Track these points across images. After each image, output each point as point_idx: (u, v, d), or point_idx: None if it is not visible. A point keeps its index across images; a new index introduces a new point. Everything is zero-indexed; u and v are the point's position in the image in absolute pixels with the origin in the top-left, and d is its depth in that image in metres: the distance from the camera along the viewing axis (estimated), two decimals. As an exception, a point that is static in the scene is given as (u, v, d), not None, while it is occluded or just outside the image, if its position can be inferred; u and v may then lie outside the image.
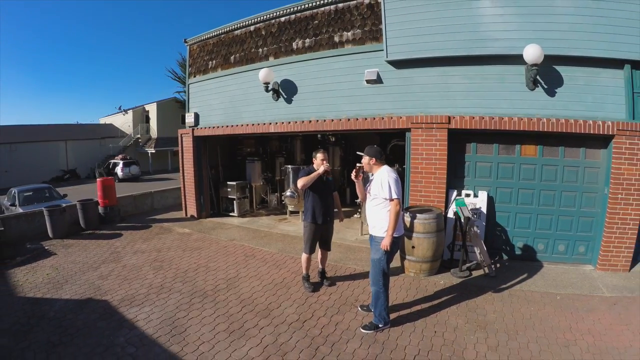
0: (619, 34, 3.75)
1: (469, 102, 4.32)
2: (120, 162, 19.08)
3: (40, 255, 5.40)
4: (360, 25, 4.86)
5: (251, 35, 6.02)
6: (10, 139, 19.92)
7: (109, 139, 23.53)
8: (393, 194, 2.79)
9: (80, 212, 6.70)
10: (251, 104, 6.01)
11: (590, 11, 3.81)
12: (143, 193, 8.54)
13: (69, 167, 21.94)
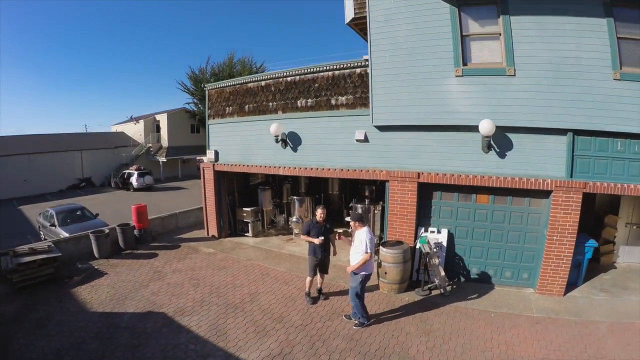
0: (563, 107, 5.02)
1: (435, 161, 5.81)
2: (134, 172, 20.98)
3: (94, 274, 7.08)
4: (352, 92, 6.37)
5: (262, 89, 7.59)
6: (28, 149, 22.02)
7: (121, 148, 25.51)
8: (367, 249, 4.42)
9: (120, 235, 8.41)
10: (263, 148, 7.60)
11: (540, 88, 5.08)
12: (169, 214, 10.24)
13: (84, 175, 24.03)
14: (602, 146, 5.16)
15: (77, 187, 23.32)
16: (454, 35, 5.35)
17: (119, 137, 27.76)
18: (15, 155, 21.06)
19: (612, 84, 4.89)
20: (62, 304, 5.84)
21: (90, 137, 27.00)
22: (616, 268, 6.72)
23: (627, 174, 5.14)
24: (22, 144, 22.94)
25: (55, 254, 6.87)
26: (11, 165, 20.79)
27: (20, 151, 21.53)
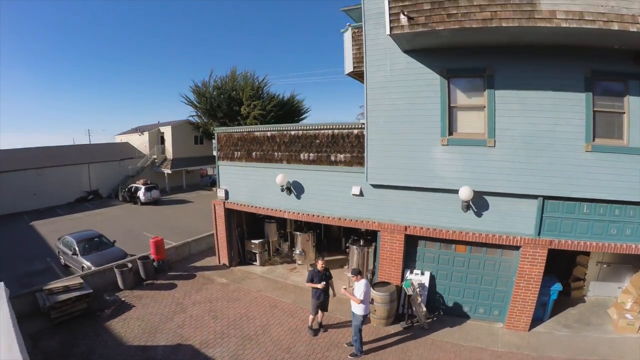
0: (537, 176, 5.88)
1: (421, 217, 6.84)
2: (142, 186, 21.96)
3: (122, 307, 8.11)
4: (349, 150, 7.38)
5: (268, 139, 8.58)
6: (37, 163, 22.92)
7: (127, 160, 26.44)
8: (360, 297, 5.52)
9: (141, 267, 9.45)
10: (270, 192, 8.62)
11: (517, 158, 5.94)
12: (182, 243, 11.27)
13: (92, 188, 25.00)
14: (570, 209, 6.06)
15: (85, 200, 24.29)
16: (442, 106, 6.23)
17: (124, 148, 28.66)
18: (24, 170, 21.96)
19: (583, 155, 5.69)
20: (100, 338, 6.90)
21: (97, 149, 27.89)
22: (585, 302, 7.69)
23: (591, 233, 6.07)
24: (30, 157, 23.83)
25: (87, 290, 7.91)
26: (21, 180, 21.70)
27: (29, 166, 22.43)
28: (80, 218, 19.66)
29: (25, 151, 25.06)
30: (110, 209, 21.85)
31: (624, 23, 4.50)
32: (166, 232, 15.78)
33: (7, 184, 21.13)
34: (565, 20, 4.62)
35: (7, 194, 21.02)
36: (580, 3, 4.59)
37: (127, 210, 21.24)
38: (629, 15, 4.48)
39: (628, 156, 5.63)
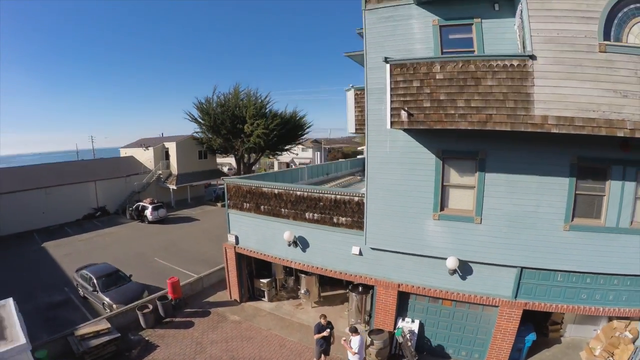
0: (518, 250, 6.84)
1: (412, 276, 7.89)
2: (149, 206, 22.95)
3: (147, 347, 9.13)
4: (350, 215, 8.39)
5: (275, 196, 9.58)
6: (45, 182, 23.80)
7: (133, 176, 27.36)
8: (356, 350, 6.62)
9: (160, 306, 10.50)
10: (277, 243, 9.65)
11: (500, 234, 6.89)
12: (196, 279, 12.34)
13: (99, 204, 25.95)
14: (545, 277, 7.04)
15: (93, 217, 25.26)
16: (436, 184, 7.16)
17: (129, 162, 29.51)
18: (33, 189, 22.87)
19: (562, 234, 6.51)
20: (133, 380, 7.99)
21: (103, 164, 28.71)
22: (561, 342, 8.71)
23: (564, 297, 7.08)
24: (38, 175, 24.72)
25: (115, 334, 8.96)
26: (29, 199, 22.63)
27: (38, 185, 23.32)
28: (90, 239, 20.66)
29: (33, 169, 25.97)
30: (119, 228, 22.83)
31: (612, 128, 5.08)
32: (176, 257, 16.85)
33: (17, 203, 22.07)
34: (555, 126, 5.26)
35: (17, 213, 21.98)
36: (572, 108, 5.17)
37: (135, 230, 22.23)
38: (618, 120, 5.05)
39: (604, 234, 6.49)
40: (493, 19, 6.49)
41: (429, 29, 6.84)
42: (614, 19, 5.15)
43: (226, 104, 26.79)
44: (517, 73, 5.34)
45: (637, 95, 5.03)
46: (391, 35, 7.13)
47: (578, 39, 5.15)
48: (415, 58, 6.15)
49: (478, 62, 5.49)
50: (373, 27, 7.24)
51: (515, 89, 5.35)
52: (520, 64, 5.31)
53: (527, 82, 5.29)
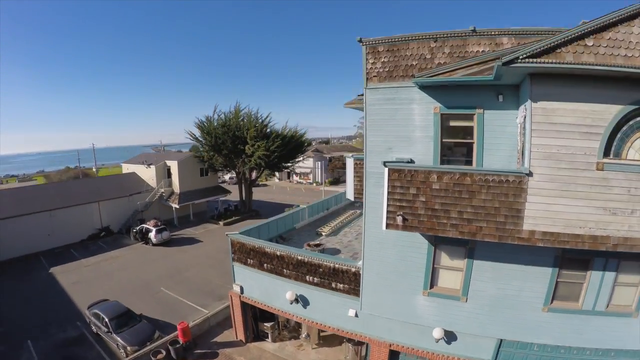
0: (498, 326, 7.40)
1: (402, 338, 8.65)
2: (152, 228, 23.73)
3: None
4: (347, 282, 9.19)
5: (277, 257, 10.37)
6: (49, 205, 24.49)
7: (136, 195, 28.08)
8: None
9: (172, 350, 11.40)
10: (280, 297, 10.45)
11: (483, 312, 7.46)
12: (203, 319, 13.19)
13: (103, 224, 26.72)
14: (523, 346, 7.73)
15: (97, 237, 26.05)
16: (427, 266, 7.82)
17: (132, 180, 30.16)
18: (37, 212, 23.59)
19: (541, 314, 7.08)
20: None
21: (106, 183, 29.35)
22: None
23: None
24: (42, 196, 25.42)
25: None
26: (35, 222, 23.35)
27: (42, 208, 24.02)
28: (97, 264, 21.44)
29: (36, 190, 26.67)
30: (124, 251, 23.61)
31: (596, 243, 5.35)
32: (182, 287, 17.65)
33: (22, 226, 22.80)
34: (541, 241, 5.63)
35: (23, 236, 22.72)
36: (560, 225, 5.42)
37: (139, 253, 23.00)
38: (603, 236, 5.30)
39: (580, 316, 7.11)
40: (496, 110, 6.55)
41: (430, 116, 6.98)
42: (618, 132, 5.24)
43: (227, 123, 27.38)
44: (512, 189, 5.64)
45: (625, 212, 5.27)
46: (392, 119, 7.35)
47: (577, 155, 5.30)
48: (414, 166, 6.53)
49: (475, 175, 5.83)
50: (374, 107, 7.44)
51: (508, 204, 5.69)
52: (516, 180, 5.61)
53: (521, 198, 5.61)
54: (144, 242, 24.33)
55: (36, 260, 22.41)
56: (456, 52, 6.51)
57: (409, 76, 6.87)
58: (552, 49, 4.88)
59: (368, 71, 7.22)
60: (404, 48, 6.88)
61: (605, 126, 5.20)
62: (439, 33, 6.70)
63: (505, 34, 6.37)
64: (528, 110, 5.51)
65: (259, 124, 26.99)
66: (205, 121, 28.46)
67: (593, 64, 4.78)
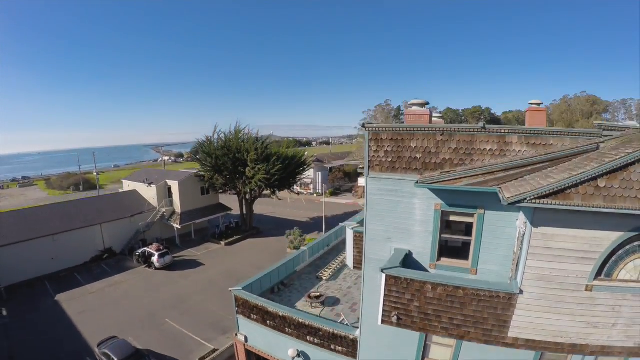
0: None
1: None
2: (155, 253, 24.08)
3: None
4: (346, 346, 9.48)
5: (280, 317, 10.65)
6: (51, 229, 24.81)
7: (138, 216, 28.37)
8: None
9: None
10: (282, 350, 10.77)
11: None
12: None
13: (105, 246, 27.08)
14: None
15: (100, 259, 26.43)
16: (420, 343, 7.96)
17: (133, 199, 30.41)
18: (41, 237, 23.92)
19: None
20: None
21: (107, 202, 29.56)
22: None
23: None
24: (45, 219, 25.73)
25: None
26: (38, 247, 23.70)
27: (46, 232, 24.34)
28: (102, 290, 21.84)
29: (39, 212, 26.89)
30: (127, 275, 23.95)
31: (575, 350, 5.55)
32: (186, 318, 18.05)
33: (25, 251, 23.16)
34: (524, 346, 5.89)
35: (27, 261, 23.10)
36: (543, 334, 5.69)
37: (143, 278, 23.35)
38: (582, 345, 5.53)
39: None
40: (497, 212, 6.55)
41: (431, 212, 7.05)
42: (612, 256, 5.38)
43: (227, 144, 27.48)
44: (502, 304, 5.94)
45: (607, 326, 5.53)
46: (393, 211, 7.44)
47: (569, 278, 5.50)
48: (410, 274, 6.70)
49: (467, 289, 6.13)
50: (375, 197, 7.56)
51: (496, 316, 6.03)
52: (506, 296, 5.90)
53: (509, 311, 5.91)
54: (147, 266, 24.70)
55: (41, 285, 22.83)
56: (463, 148, 6.55)
57: (412, 169, 6.97)
58: (562, 190, 4.89)
59: (371, 159, 7.31)
60: (408, 139, 6.93)
61: (601, 252, 5.33)
62: (447, 127, 6.78)
63: (515, 133, 6.41)
64: (527, 231, 5.67)
65: (260, 145, 27.05)
66: (205, 142, 28.57)
67: (602, 207, 4.78)
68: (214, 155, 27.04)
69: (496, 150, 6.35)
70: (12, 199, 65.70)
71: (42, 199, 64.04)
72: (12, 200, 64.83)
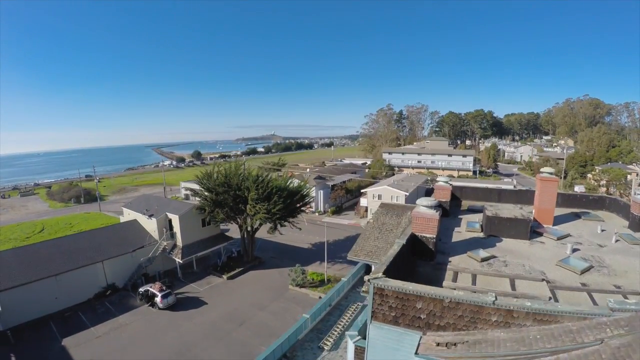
0: None
1: None
2: (158, 293, 24.25)
3: None
4: None
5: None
6: (54, 269, 24.94)
7: (139, 250, 28.49)
8: None
9: None
10: None
11: None
12: None
13: (108, 282, 27.26)
14: None
15: (104, 295, 26.62)
16: None
17: (134, 230, 30.45)
18: (44, 279, 24.08)
19: None
20: None
21: (109, 236, 29.60)
22: None
23: None
24: (47, 257, 25.85)
25: None
26: (41, 287, 23.88)
27: (48, 273, 24.48)
28: (107, 333, 22.05)
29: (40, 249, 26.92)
30: (132, 315, 24.11)
31: None
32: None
33: (29, 293, 23.39)
34: None
35: (31, 302, 23.37)
36: None
37: (148, 320, 23.50)
38: None
39: None
40: None
41: None
42: None
43: (227, 181, 27.40)
44: None
45: None
46: (392, 357, 7.34)
47: None
48: None
49: None
50: (376, 346, 7.59)
51: None
52: None
53: None
54: (150, 305, 24.88)
55: (46, 326, 23.07)
56: (469, 316, 6.55)
57: (414, 326, 6.97)
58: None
59: (374, 310, 7.32)
60: (414, 299, 6.91)
61: None
62: (455, 297, 6.67)
63: (523, 309, 6.29)
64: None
65: (261, 183, 26.80)
66: (205, 176, 28.52)
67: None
68: (215, 191, 27.00)
69: (501, 322, 6.34)
70: (13, 212, 65.91)
71: (42, 211, 64.40)
72: (13, 213, 65.06)
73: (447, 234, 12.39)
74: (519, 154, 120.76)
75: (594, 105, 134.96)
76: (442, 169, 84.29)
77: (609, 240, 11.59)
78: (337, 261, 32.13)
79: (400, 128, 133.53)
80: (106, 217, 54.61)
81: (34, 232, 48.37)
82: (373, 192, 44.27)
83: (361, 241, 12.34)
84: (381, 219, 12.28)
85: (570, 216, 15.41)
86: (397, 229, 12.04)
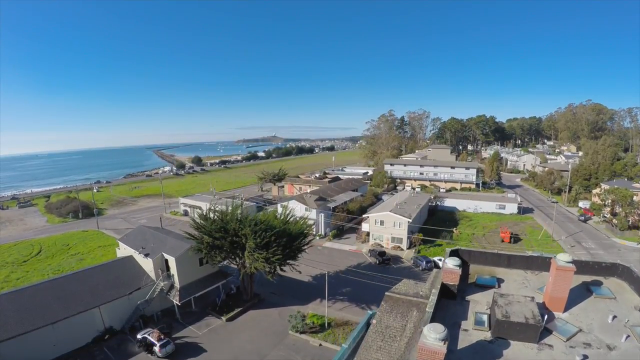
0: None
1: None
2: (157, 343, 23.82)
3: None
4: None
5: None
6: (50, 316, 24.53)
7: (136, 292, 27.98)
8: None
9: None
10: None
11: None
12: None
13: (105, 325, 26.81)
14: None
15: (102, 339, 26.20)
16: None
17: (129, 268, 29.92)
18: (40, 328, 23.64)
19: None
20: None
21: (104, 277, 28.97)
22: None
23: None
24: (42, 302, 25.39)
25: None
26: (38, 336, 23.54)
27: (45, 321, 24.07)
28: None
29: (35, 292, 26.41)
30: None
31: None
32: None
33: (27, 342, 23.05)
34: None
35: (29, 350, 23.01)
36: None
37: (145, 372, 23.10)
38: None
39: None
40: None
41: None
42: None
43: (224, 225, 26.75)
44: None
45: None
46: None
47: None
48: None
49: None
50: None
51: None
52: None
53: None
54: (148, 353, 24.44)
55: (42, 376, 22.62)
56: None
57: None
58: None
59: None
60: None
61: None
62: None
63: None
64: None
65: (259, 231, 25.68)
66: (201, 219, 27.93)
67: None
68: (211, 236, 26.41)
69: None
70: (11, 227, 65.50)
71: (40, 228, 63.96)
72: (11, 229, 64.63)
73: (453, 334, 11.81)
74: (522, 163, 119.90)
75: (596, 111, 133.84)
76: (445, 181, 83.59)
77: (619, 337, 11.17)
78: (338, 298, 31.58)
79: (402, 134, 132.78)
80: (104, 237, 54.17)
81: (31, 255, 47.99)
82: (375, 217, 43.65)
83: (363, 352, 11.71)
84: (385, 321, 11.63)
85: (581, 290, 14.89)
86: (402, 338, 11.39)
